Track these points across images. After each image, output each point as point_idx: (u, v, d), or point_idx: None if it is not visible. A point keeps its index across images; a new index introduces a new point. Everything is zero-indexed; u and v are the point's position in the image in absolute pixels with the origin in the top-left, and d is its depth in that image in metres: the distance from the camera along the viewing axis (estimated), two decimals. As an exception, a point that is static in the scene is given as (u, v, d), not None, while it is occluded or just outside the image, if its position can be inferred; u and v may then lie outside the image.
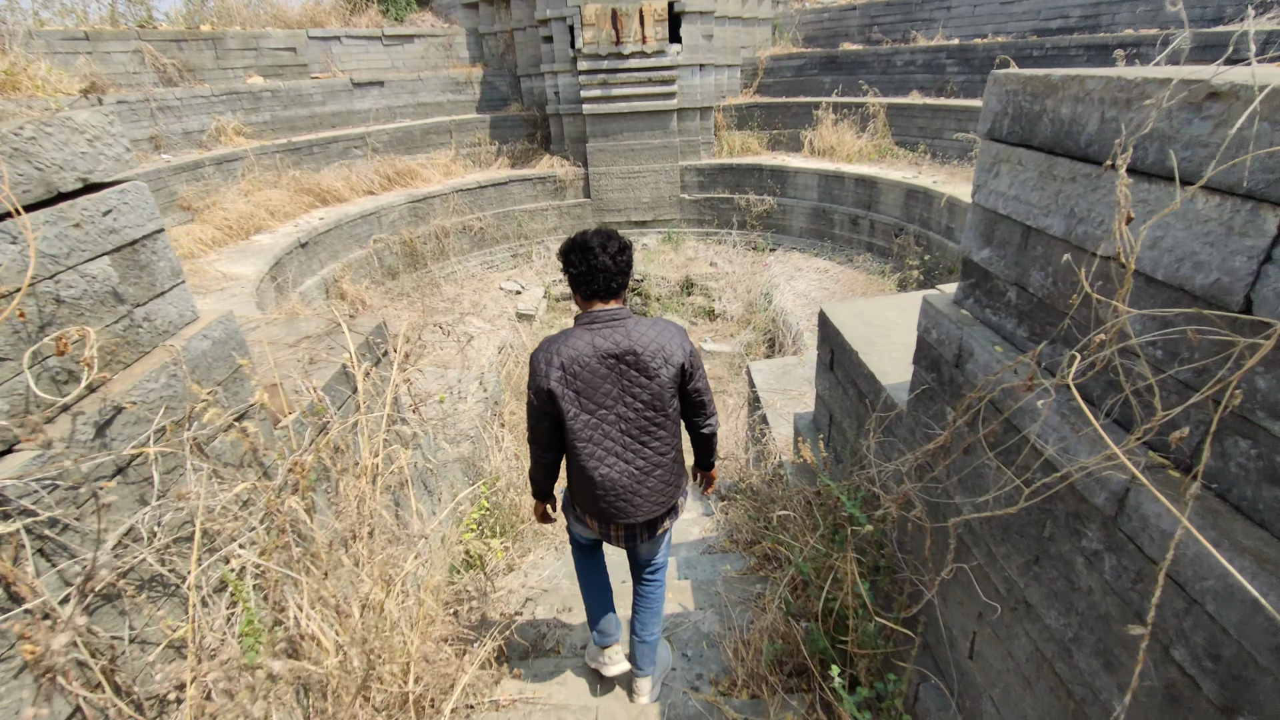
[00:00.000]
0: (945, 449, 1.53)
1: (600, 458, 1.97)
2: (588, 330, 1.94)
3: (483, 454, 3.97)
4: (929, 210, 9.60)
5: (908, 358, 2.27)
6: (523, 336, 10.49)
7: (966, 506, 1.50)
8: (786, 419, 3.86)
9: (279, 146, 10.37)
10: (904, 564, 1.86)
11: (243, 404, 1.71)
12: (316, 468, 2.07)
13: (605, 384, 1.93)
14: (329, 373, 2.32)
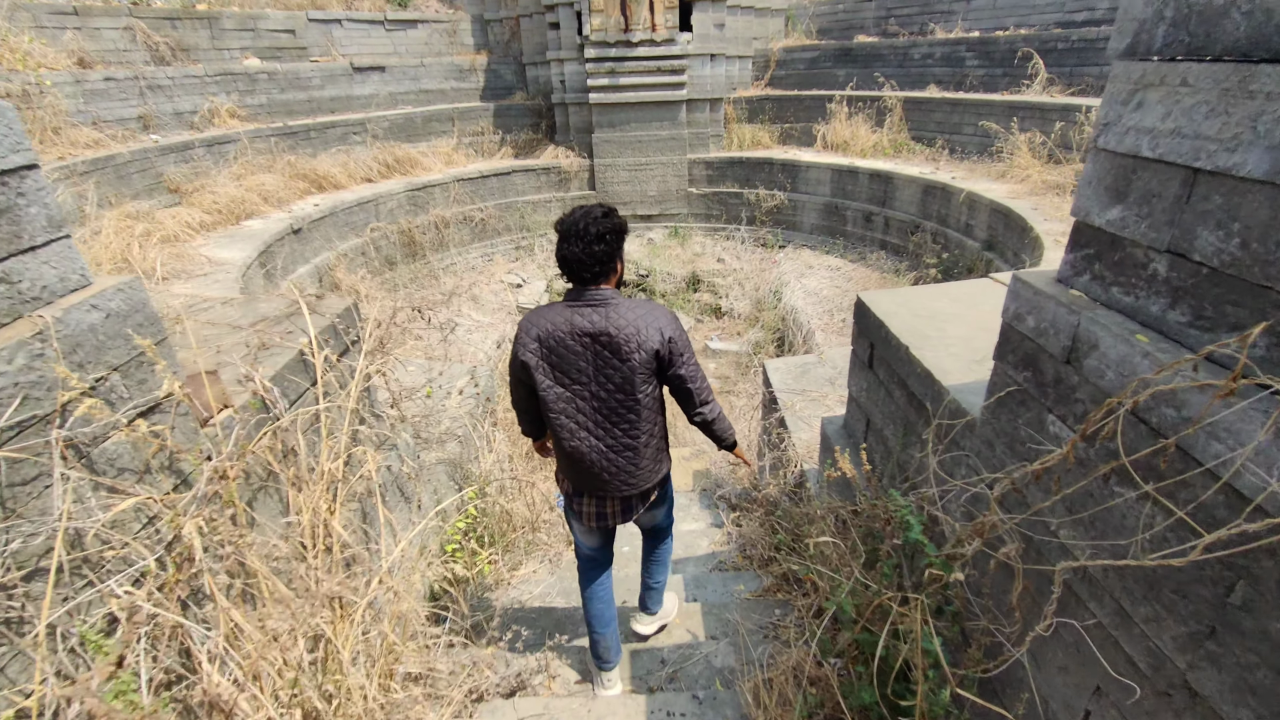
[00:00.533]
0: (1054, 472, 1.16)
1: (573, 430, 2.03)
2: (569, 308, 1.97)
3: (472, 455, 3.61)
4: (947, 207, 9.21)
5: (970, 354, 1.90)
6: (523, 331, 10.14)
7: (1085, 549, 1.13)
8: (808, 423, 3.49)
9: (274, 130, 10.02)
10: (977, 609, 1.49)
11: (150, 396, 1.35)
12: (258, 474, 1.70)
13: (580, 361, 1.95)
14: (282, 360, 1.96)
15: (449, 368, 4.29)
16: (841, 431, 2.61)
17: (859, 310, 2.36)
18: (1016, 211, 7.48)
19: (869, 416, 2.33)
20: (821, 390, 3.77)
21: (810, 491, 2.93)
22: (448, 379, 4.13)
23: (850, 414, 2.53)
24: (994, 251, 8.06)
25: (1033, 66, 9.80)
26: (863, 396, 2.39)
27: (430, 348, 8.76)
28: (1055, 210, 7.25)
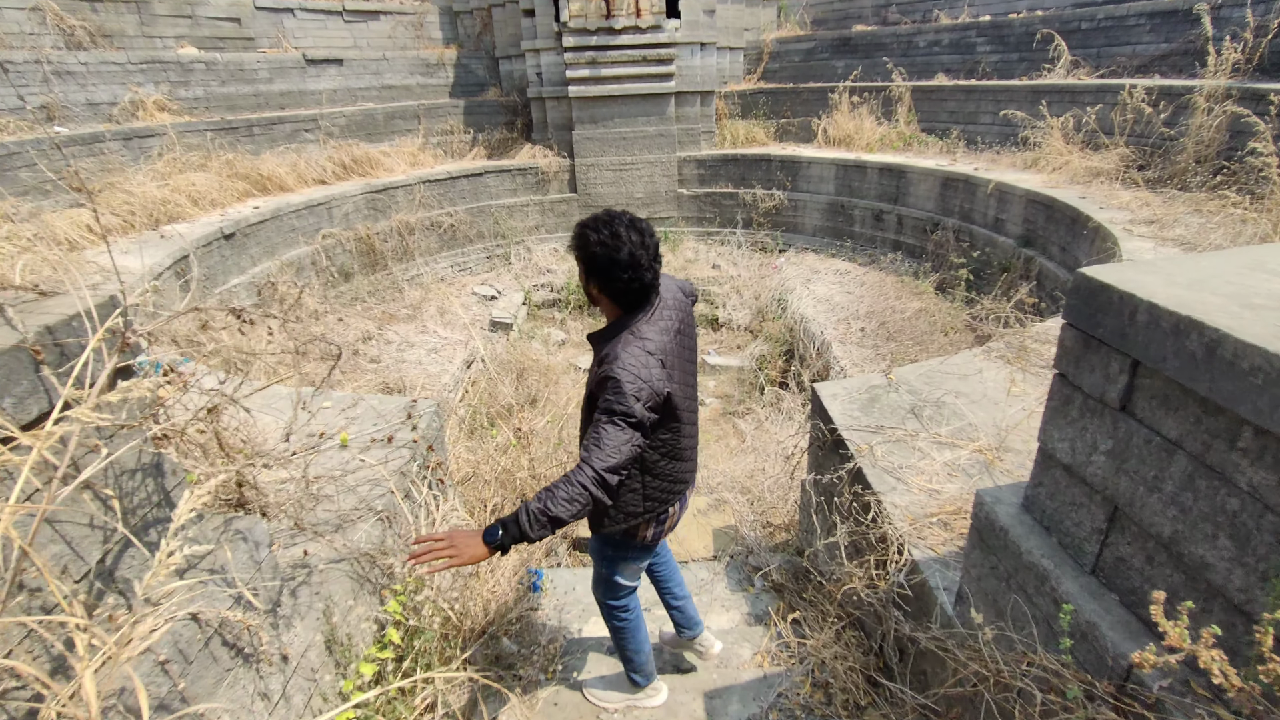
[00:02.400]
0: None
1: (691, 434, 2.01)
2: (658, 317, 1.86)
3: (403, 537, 2.43)
4: (971, 201, 8.25)
5: None
6: (498, 348, 8.95)
7: None
8: (900, 478, 2.37)
9: (210, 125, 8.80)
10: None
11: None
12: None
13: (683, 359, 1.93)
14: None
15: (382, 402, 3.11)
16: (1027, 520, 1.48)
17: (1086, 300, 1.25)
18: (1063, 201, 6.50)
19: (1119, 503, 1.20)
20: (907, 427, 2.66)
21: (939, 605, 1.80)
22: (371, 419, 2.95)
23: (1054, 490, 1.40)
24: (1034, 248, 7.07)
25: (1054, 49, 8.93)
26: (1099, 464, 1.26)
27: (391, 370, 7.56)
28: (1109, 198, 6.29)
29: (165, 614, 1.21)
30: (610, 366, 1.70)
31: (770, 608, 2.92)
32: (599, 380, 1.73)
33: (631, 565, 2.17)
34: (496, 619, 2.77)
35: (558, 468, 4.46)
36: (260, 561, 1.58)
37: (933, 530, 2.08)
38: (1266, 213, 4.55)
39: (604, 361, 1.76)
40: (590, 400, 1.88)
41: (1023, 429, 2.60)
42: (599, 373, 1.75)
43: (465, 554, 1.51)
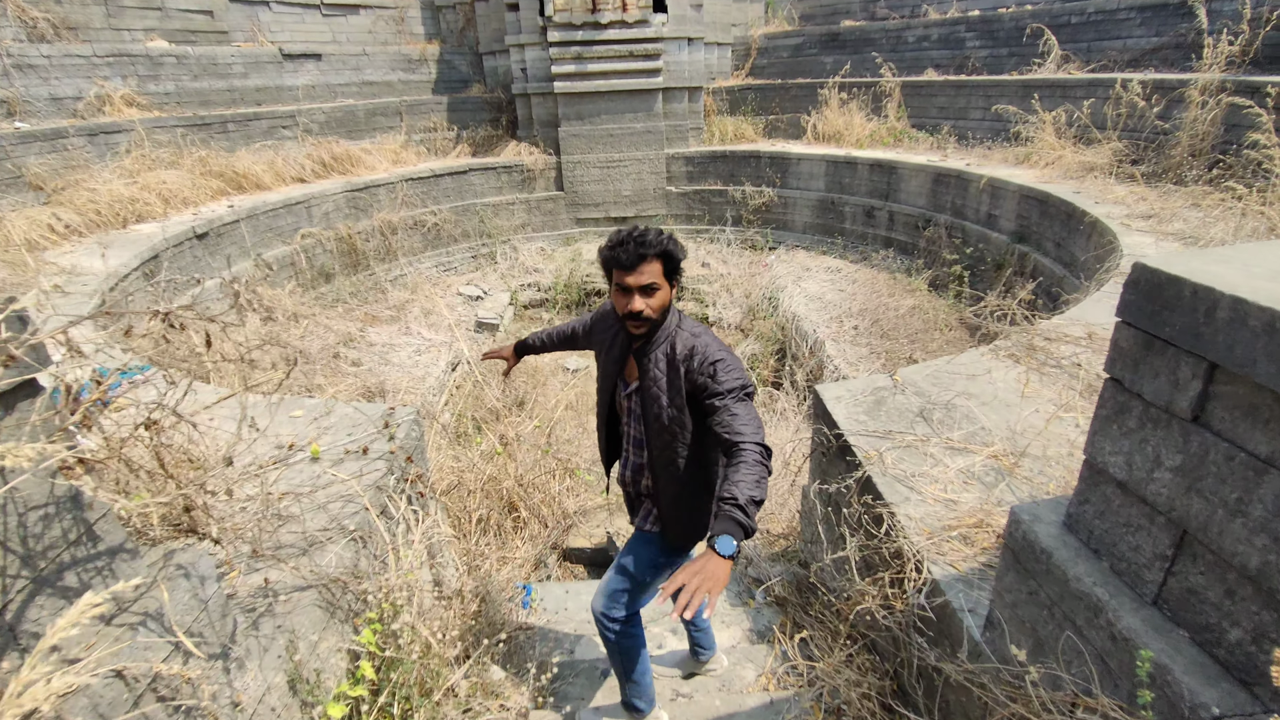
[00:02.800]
0: None
1: None
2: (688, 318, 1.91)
3: (377, 558, 2.24)
4: (963, 197, 8.16)
5: None
6: (484, 350, 8.74)
7: None
8: (913, 487, 2.22)
9: (181, 121, 8.50)
10: None
11: None
12: None
13: None
14: None
15: (357, 410, 2.91)
16: (1072, 542, 1.32)
17: (1148, 295, 1.09)
18: (1057, 196, 6.41)
19: (1189, 526, 1.05)
20: (916, 431, 2.51)
21: (965, 629, 1.64)
22: (346, 429, 2.75)
23: (1104, 509, 1.25)
24: (1028, 244, 6.99)
25: (1045, 43, 8.87)
26: (1164, 482, 1.10)
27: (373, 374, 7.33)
28: (1104, 193, 6.21)
29: (82, 671, 1.02)
30: (713, 354, 1.74)
31: (773, 623, 2.76)
32: (704, 371, 1.74)
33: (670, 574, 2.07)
34: (483, 641, 2.58)
35: (546, 475, 4.29)
36: (206, 599, 1.39)
37: (952, 545, 1.93)
38: (1268, 206, 4.46)
39: (691, 357, 1.77)
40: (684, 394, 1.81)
41: (1039, 433, 2.46)
42: (698, 363, 1.75)
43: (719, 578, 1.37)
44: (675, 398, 1.83)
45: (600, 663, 2.60)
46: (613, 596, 2.05)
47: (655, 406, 1.85)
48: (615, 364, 1.97)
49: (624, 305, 1.77)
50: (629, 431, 2.04)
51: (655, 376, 1.84)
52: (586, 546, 3.91)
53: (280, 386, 2.03)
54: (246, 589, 1.89)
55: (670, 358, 1.82)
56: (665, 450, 1.90)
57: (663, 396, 1.84)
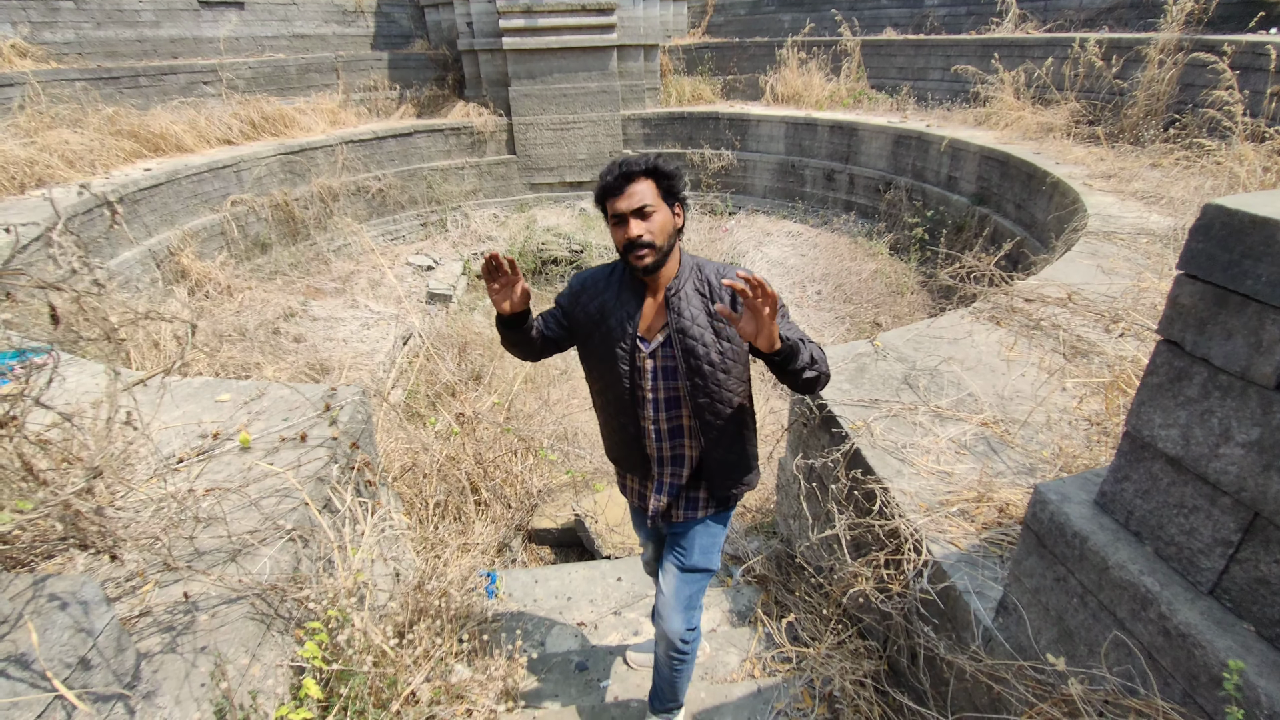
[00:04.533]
0: None
1: None
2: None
3: (321, 559, 1.99)
4: (924, 160, 8.10)
5: None
6: (437, 322, 8.34)
7: None
8: (904, 458, 2.09)
9: (84, 74, 7.65)
10: None
11: None
12: None
13: None
14: None
15: (295, 391, 2.60)
16: (1109, 525, 1.18)
17: (1223, 243, 0.93)
18: (1018, 157, 6.39)
19: (1264, 509, 0.91)
20: (903, 399, 2.38)
21: (972, 614, 1.52)
22: (282, 413, 2.45)
23: (1149, 488, 1.11)
24: (988, 205, 6.98)
25: (1003, 2, 8.79)
26: (1233, 459, 0.96)
27: (317, 350, 6.88)
28: (1063, 154, 6.21)
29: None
30: (730, 274, 1.58)
31: (754, 603, 2.64)
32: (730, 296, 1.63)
33: None
34: (444, 639, 2.37)
35: (507, 454, 4.05)
36: (95, 631, 1.13)
37: (953, 522, 1.80)
38: (1219, 166, 4.49)
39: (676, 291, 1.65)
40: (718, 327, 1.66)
41: (1028, 398, 2.36)
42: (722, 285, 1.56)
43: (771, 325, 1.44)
44: (723, 328, 1.64)
45: (574, 655, 2.43)
46: (691, 606, 1.82)
47: (699, 347, 1.65)
48: (630, 320, 1.69)
49: (622, 236, 1.59)
50: (654, 396, 1.74)
51: (693, 315, 1.64)
52: (553, 527, 3.72)
53: (176, 367, 1.72)
54: (163, 605, 1.63)
55: (706, 292, 1.64)
56: (714, 395, 1.70)
57: (706, 333, 1.65)
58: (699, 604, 1.85)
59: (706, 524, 1.85)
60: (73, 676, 1.07)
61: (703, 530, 1.84)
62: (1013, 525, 1.72)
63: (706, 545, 1.84)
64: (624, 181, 1.55)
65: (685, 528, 1.86)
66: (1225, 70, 4.72)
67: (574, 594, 2.90)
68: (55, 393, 2.48)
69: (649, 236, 1.56)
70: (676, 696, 1.96)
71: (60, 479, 1.31)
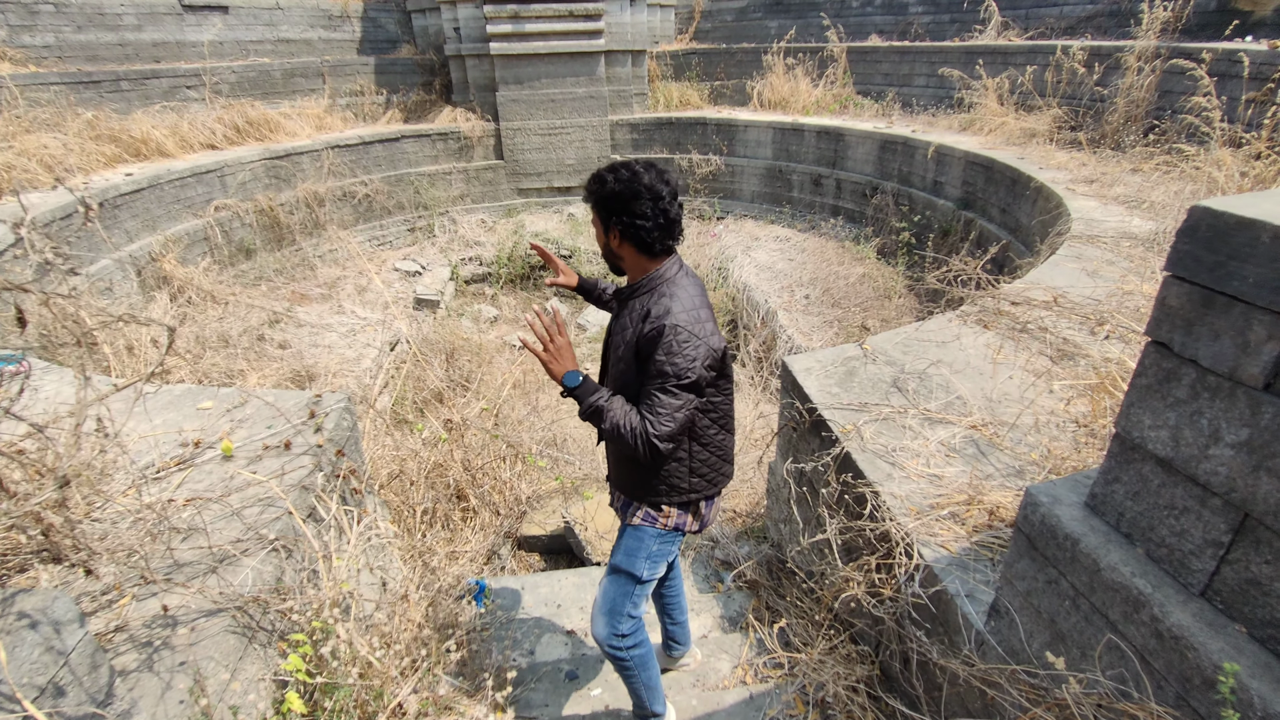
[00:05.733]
0: None
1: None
2: (688, 276, 1.76)
3: (306, 569, 1.95)
4: (910, 165, 8.18)
5: None
6: (424, 328, 8.27)
7: None
8: (894, 461, 2.09)
9: (64, 78, 7.54)
10: None
11: None
12: None
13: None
14: None
15: (279, 398, 2.56)
16: (1099, 526, 1.18)
17: (1210, 244, 0.94)
18: (1002, 162, 6.46)
19: (1254, 510, 0.91)
20: (892, 402, 2.38)
21: (961, 616, 1.51)
22: (265, 421, 2.41)
23: (1139, 489, 1.11)
24: (973, 210, 7.05)
25: (985, 10, 8.91)
26: (1222, 460, 0.96)
27: (303, 357, 6.80)
28: (1046, 159, 6.29)
29: None
30: (662, 321, 1.61)
31: (745, 608, 2.63)
32: (649, 336, 1.63)
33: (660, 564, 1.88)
34: (432, 648, 2.34)
35: (496, 460, 4.02)
36: (67, 649, 1.10)
37: (943, 525, 1.80)
38: (1198, 170, 4.56)
39: (648, 317, 1.65)
40: (634, 352, 1.71)
41: (1015, 401, 2.37)
42: (647, 327, 1.63)
43: (554, 368, 1.68)
44: (628, 350, 1.73)
45: (564, 664, 2.40)
46: (612, 613, 1.83)
47: (617, 351, 1.80)
48: (614, 321, 1.89)
49: None
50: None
51: (625, 324, 1.76)
52: (542, 534, 3.69)
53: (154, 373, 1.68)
54: (140, 619, 1.58)
55: (644, 311, 1.70)
56: (620, 394, 1.77)
57: (622, 346, 1.76)
58: (623, 609, 1.83)
59: (636, 530, 1.89)
60: (43, 698, 1.04)
61: (632, 534, 1.89)
62: (1003, 528, 1.73)
63: (631, 549, 1.87)
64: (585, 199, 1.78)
65: (622, 530, 1.94)
66: (1203, 77, 4.80)
67: (564, 601, 2.87)
68: (30, 402, 2.42)
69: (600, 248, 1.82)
70: (643, 706, 1.96)
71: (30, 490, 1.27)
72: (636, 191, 1.63)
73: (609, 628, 1.83)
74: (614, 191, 1.65)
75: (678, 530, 1.87)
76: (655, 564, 1.86)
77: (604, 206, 1.70)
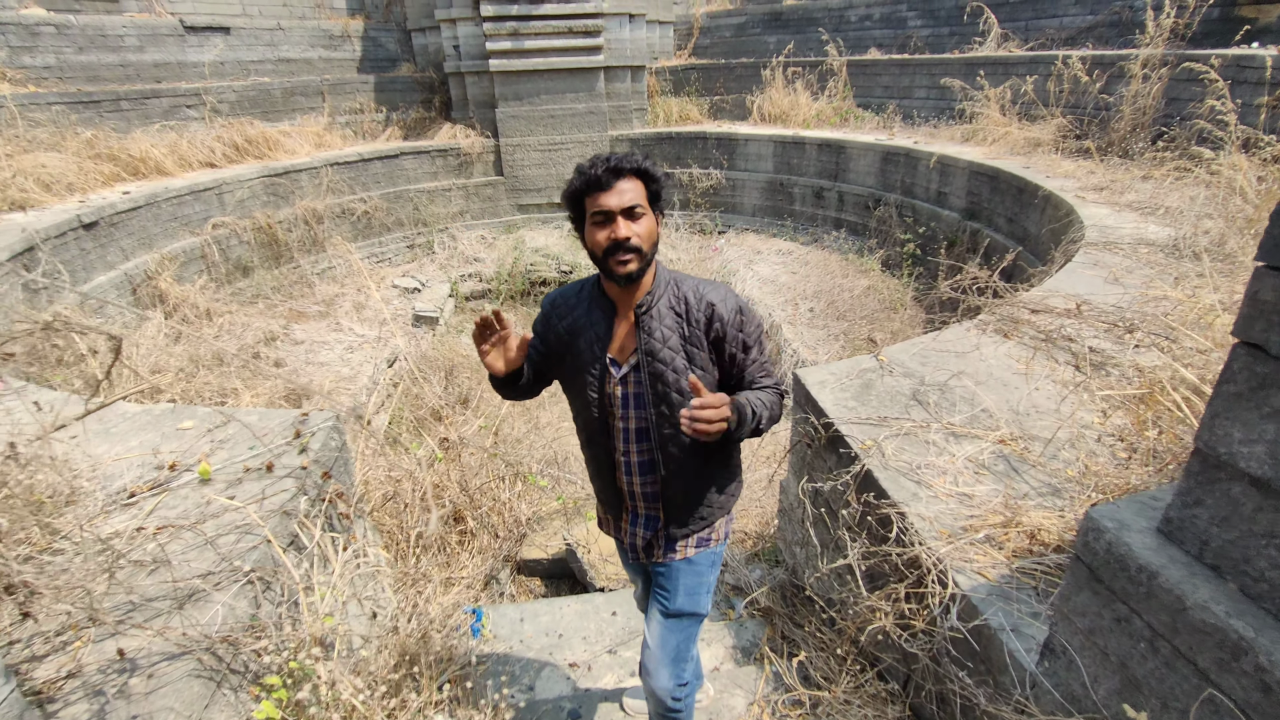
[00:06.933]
0: None
1: None
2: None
3: (282, 605, 1.80)
4: (912, 176, 8.10)
5: None
6: (423, 345, 8.15)
7: None
8: (919, 479, 1.94)
9: (63, 97, 7.52)
10: None
11: None
12: None
13: None
14: None
15: (263, 418, 2.42)
16: (1179, 557, 1.03)
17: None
18: (1008, 171, 6.37)
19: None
20: (913, 416, 2.23)
21: (1006, 653, 1.36)
22: (247, 441, 2.26)
23: (1228, 514, 0.96)
24: (978, 220, 6.95)
25: (985, 22, 8.90)
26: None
27: (298, 375, 6.67)
28: (1052, 168, 6.20)
29: None
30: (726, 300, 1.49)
31: (759, 637, 2.46)
32: (728, 323, 1.48)
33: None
34: (424, 684, 2.17)
35: (494, 480, 3.86)
36: None
37: (979, 550, 1.65)
38: (1215, 175, 4.45)
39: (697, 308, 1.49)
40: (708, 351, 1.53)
41: (1044, 413, 2.23)
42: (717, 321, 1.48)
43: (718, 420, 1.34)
44: (697, 354, 1.49)
45: (566, 701, 2.24)
46: (677, 661, 1.63)
47: (669, 373, 1.49)
48: (599, 342, 1.54)
49: (606, 236, 1.40)
50: (625, 426, 1.57)
51: (664, 336, 1.48)
52: (543, 558, 3.52)
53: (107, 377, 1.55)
54: (96, 664, 1.43)
55: (682, 311, 1.48)
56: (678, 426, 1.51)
57: (677, 358, 1.49)
58: (689, 654, 1.66)
59: (691, 563, 1.66)
60: None
61: (686, 571, 1.66)
62: (1047, 554, 1.57)
63: (692, 587, 1.66)
64: (613, 177, 1.38)
65: (667, 569, 1.68)
66: (1218, 80, 4.71)
67: (565, 631, 2.70)
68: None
69: (637, 240, 1.40)
70: None
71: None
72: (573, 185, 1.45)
73: (674, 679, 1.63)
74: (662, 174, 1.46)
75: (725, 539, 1.75)
76: (712, 592, 1.72)
77: (660, 191, 1.47)
